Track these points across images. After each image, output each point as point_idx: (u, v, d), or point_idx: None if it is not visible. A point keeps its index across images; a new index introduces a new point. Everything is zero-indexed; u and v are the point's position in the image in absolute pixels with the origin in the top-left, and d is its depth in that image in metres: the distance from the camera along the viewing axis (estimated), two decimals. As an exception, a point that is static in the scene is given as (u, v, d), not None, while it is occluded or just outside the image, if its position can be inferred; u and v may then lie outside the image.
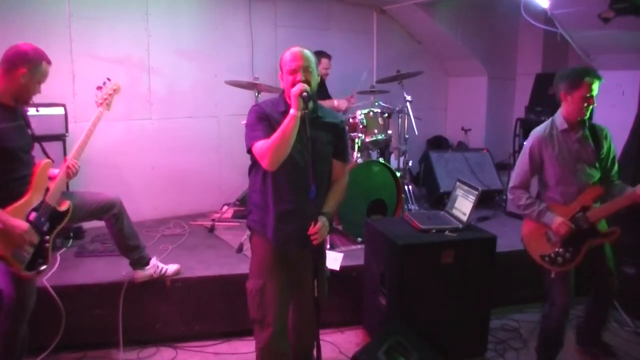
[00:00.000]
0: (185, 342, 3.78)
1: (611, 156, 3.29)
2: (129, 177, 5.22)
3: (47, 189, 2.88)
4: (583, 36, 5.21)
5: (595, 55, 5.36)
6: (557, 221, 3.16)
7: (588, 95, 3.09)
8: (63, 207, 2.99)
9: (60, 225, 2.98)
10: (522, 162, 3.32)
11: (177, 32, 5.47)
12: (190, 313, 3.83)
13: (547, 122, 3.29)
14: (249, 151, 2.72)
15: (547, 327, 3.39)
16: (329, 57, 5.70)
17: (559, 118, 3.25)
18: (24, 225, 2.70)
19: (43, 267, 2.86)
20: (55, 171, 3.00)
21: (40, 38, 4.57)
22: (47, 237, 2.88)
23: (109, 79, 3.25)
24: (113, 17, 5.04)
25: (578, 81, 3.10)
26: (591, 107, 3.13)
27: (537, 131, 3.29)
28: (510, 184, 3.37)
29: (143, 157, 5.33)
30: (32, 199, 2.80)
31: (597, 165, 3.24)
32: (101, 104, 3.18)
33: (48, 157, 3.00)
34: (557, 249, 3.20)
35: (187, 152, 5.60)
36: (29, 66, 2.72)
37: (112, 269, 3.82)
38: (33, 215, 2.78)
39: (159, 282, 3.75)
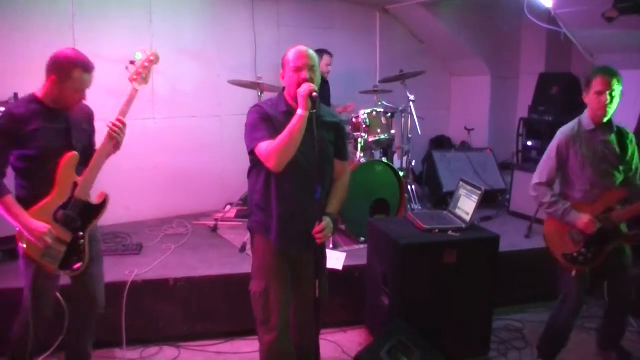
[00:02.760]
0: (188, 341, 3.78)
1: (635, 161, 3.29)
2: (131, 176, 5.22)
3: (76, 184, 2.73)
4: (586, 36, 5.20)
5: (599, 55, 5.35)
6: (584, 219, 3.14)
7: (599, 90, 3.10)
8: (98, 200, 2.82)
9: (97, 219, 2.83)
10: (548, 158, 3.30)
11: (180, 31, 5.48)
12: (193, 312, 3.83)
13: (575, 121, 3.29)
14: (251, 153, 2.69)
15: (555, 325, 3.40)
16: (330, 54, 5.71)
17: (586, 119, 3.24)
18: (43, 227, 2.60)
19: (78, 265, 2.75)
20: None
21: (43, 37, 4.63)
22: (81, 233, 2.76)
23: (144, 51, 2.96)
24: (116, 16, 5.05)
25: (589, 80, 3.15)
26: (608, 102, 3.10)
27: (565, 129, 3.28)
28: (535, 181, 3.32)
29: (146, 157, 5.33)
30: (57, 196, 2.68)
31: (621, 168, 3.24)
32: (135, 79, 2.89)
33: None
34: (579, 249, 3.20)
35: (190, 152, 5.61)
36: (58, 74, 2.63)
37: (115, 269, 3.83)
38: (60, 213, 2.68)
39: (161, 281, 3.76)
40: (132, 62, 2.92)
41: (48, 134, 2.67)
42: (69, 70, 2.64)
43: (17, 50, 4.58)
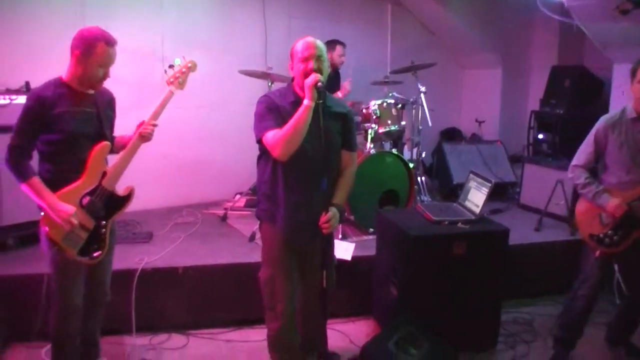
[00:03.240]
0: (197, 329, 3.81)
1: None
2: (141, 165, 5.17)
3: (105, 173, 2.76)
4: (600, 28, 5.14)
5: (613, 48, 5.30)
6: (613, 203, 3.16)
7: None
8: (124, 192, 2.87)
9: (120, 210, 2.86)
10: (587, 143, 3.33)
11: (191, 21, 5.48)
12: (202, 301, 3.85)
13: (619, 109, 3.29)
14: (259, 141, 2.71)
15: (573, 307, 3.42)
16: (343, 44, 5.67)
17: (630, 107, 3.24)
18: (70, 209, 2.61)
19: (97, 254, 2.77)
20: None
21: (54, 27, 4.64)
22: (104, 222, 2.79)
23: (183, 57, 2.99)
24: (127, 6, 5.06)
25: (635, 70, 3.14)
26: None
27: (607, 116, 3.30)
28: (573, 162, 3.37)
29: (156, 146, 5.26)
30: (85, 183, 2.70)
31: None
32: (172, 82, 2.94)
33: (107, 139, 2.84)
34: (606, 231, 3.23)
35: (200, 141, 5.62)
36: (82, 48, 2.63)
37: (125, 257, 3.84)
38: (87, 199, 2.70)
39: (171, 270, 3.79)
40: (171, 66, 2.97)
41: (75, 117, 2.67)
42: (93, 44, 2.64)
43: (29, 40, 4.59)
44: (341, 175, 2.90)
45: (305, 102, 2.56)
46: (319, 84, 2.55)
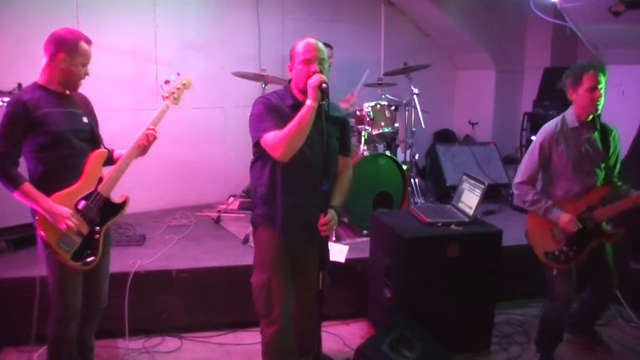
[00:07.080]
0: (191, 332, 3.80)
1: (615, 156, 3.29)
2: (135, 167, 5.14)
3: (101, 179, 2.78)
4: (593, 30, 5.17)
5: (605, 49, 5.32)
6: (565, 218, 3.14)
7: (591, 87, 3.06)
8: (119, 200, 2.89)
9: (114, 218, 2.87)
10: (530, 157, 3.29)
11: (185, 23, 5.47)
12: (196, 303, 3.84)
13: (558, 118, 3.26)
14: (256, 143, 2.68)
15: (547, 320, 3.44)
16: (330, 46, 5.65)
17: (571, 116, 3.22)
18: (66, 211, 2.60)
19: (90, 259, 2.73)
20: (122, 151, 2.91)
21: (47, 28, 4.57)
22: (98, 227, 2.78)
23: (178, 74, 3.14)
24: (120, 7, 5.05)
25: (579, 76, 3.10)
26: (599, 100, 3.09)
27: (548, 127, 3.27)
28: (517, 179, 3.33)
29: (149, 148, 5.33)
30: (81, 187, 2.70)
31: (602, 166, 3.23)
32: (167, 97, 3.06)
33: (104, 147, 2.90)
34: (561, 247, 3.20)
35: (194, 143, 5.61)
36: (66, 50, 2.64)
37: (118, 259, 3.80)
38: (82, 203, 2.69)
39: (164, 272, 3.78)
40: (167, 82, 3.11)
41: (62, 117, 2.66)
42: (76, 45, 2.66)
43: (22, 41, 4.57)
44: (338, 179, 2.89)
45: (309, 102, 2.52)
46: (324, 85, 2.52)
